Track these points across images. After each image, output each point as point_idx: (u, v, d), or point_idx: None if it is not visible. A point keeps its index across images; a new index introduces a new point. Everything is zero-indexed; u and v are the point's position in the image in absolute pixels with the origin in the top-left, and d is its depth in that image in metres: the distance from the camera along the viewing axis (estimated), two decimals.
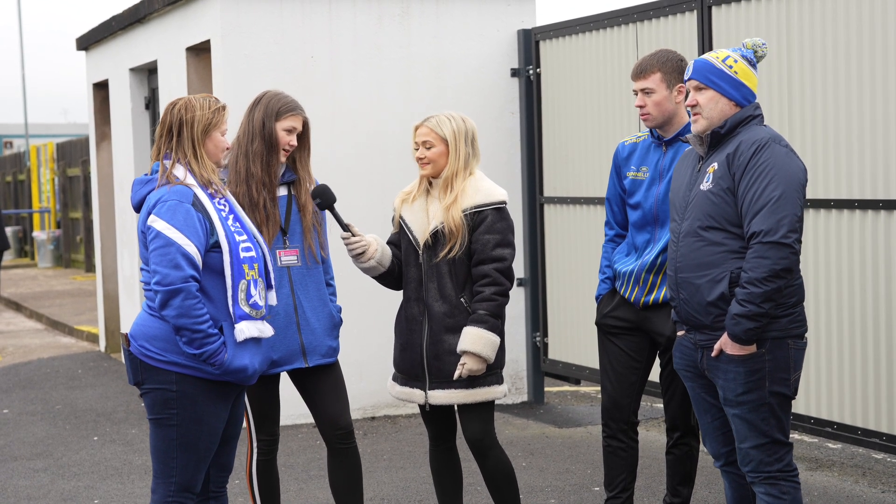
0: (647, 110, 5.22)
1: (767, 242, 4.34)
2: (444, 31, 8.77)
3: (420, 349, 5.17)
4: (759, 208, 4.37)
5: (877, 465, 6.91)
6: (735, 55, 4.58)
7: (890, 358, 6.04)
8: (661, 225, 5.26)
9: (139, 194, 4.52)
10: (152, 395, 4.46)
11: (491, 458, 5.19)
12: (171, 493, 4.49)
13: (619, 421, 5.40)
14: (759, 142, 4.43)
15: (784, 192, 4.36)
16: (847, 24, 6.17)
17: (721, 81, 4.54)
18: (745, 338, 4.41)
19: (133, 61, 10.64)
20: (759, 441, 4.50)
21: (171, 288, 4.31)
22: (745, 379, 4.47)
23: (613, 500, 5.45)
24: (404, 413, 8.64)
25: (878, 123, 6.04)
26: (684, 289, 4.58)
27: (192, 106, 4.50)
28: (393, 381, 5.34)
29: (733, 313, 4.40)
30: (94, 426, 8.74)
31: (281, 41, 8.39)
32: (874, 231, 6.07)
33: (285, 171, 5.19)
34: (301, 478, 7.06)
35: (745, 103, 4.56)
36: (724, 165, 4.49)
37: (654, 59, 5.23)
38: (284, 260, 5.14)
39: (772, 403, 4.49)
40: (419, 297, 5.18)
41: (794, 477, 4.54)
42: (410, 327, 5.20)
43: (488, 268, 5.08)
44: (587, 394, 9.36)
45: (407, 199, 5.27)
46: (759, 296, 4.35)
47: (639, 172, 5.34)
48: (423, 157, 5.17)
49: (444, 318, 5.12)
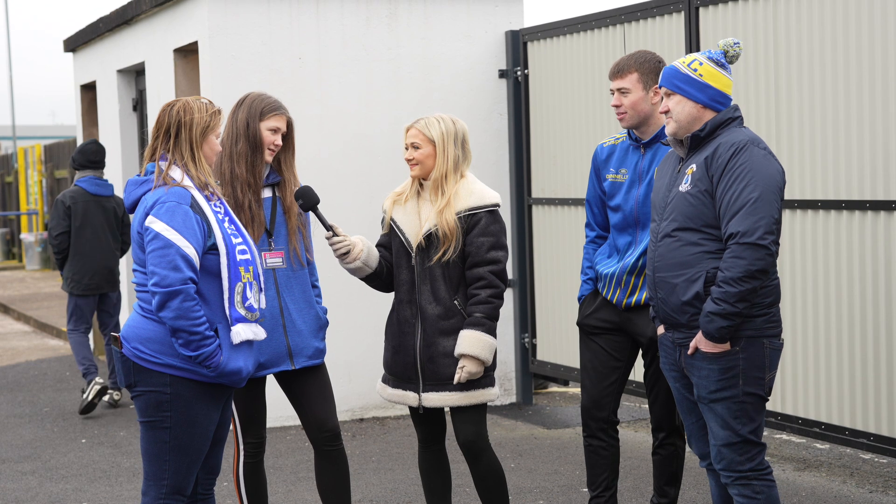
0: (622, 110, 5.24)
1: (744, 243, 4.37)
2: (431, 33, 8.77)
3: (413, 351, 5.15)
4: (736, 210, 4.40)
5: (864, 466, 6.92)
6: (702, 58, 4.61)
7: (877, 358, 6.05)
8: (641, 227, 5.28)
9: (134, 195, 4.50)
10: (145, 397, 4.44)
11: (483, 460, 5.18)
12: (163, 495, 4.48)
13: (599, 420, 5.40)
14: (737, 144, 4.47)
15: (762, 194, 4.39)
16: (833, 24, 6.18)
17: (685, 85, 4.58)
18: (718, 336, 4.45)
19: (120, 63, 10.62)
20: (730, 439, 4.53)
21: (170, 289, 4.29)
22: (719, 377, 4.51)
23: (597, 500, 5.45)
24: (393, 415, 8.63)
25: (864, 124, 6.05)
26: (662, 288, 4.62)
27: (191, 108, 4.48)
28: (383, 384, 5.31)
29: (707, 311, 4.44)
30: (82, 428, 8.71)
31: (268, 42, 8.38)
32: (861, 231, 6.08)
33: (269, 172, 5.18)
34: (289, 479, 7.05)
35: (713, 104, 4.58)
36: (703, 167, 4.52)
37: (631, 60, 5.26)
38: (270, 262, 5.12)
39: (745, 402, 4.52)
40: (412, 299, 5.17)
41: (766, 475, 4.57)
42: (403, 329, 5.19)
43: (483, 270, 5.08)
44: (575, 395, 9.36)
45: (398, 200, 5.25)
46: (733, 295, 4.38)
47: (618, 175, 5.35)
48: (412, 157, 5.17)
49: (437, 321, 5.11)
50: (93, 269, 9.15)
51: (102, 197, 9.24)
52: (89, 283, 9.16)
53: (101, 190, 9.24)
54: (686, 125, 4.59)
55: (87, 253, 9.14)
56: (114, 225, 9.29)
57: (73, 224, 9.13)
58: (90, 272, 9.15)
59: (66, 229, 9.10)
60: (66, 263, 9.18)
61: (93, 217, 9.17)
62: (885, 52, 5.94)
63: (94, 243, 9.17)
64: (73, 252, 9.13)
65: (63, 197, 9.16)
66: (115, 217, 9.29)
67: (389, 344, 5.26)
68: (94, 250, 9.16)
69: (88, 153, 9.25)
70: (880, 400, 6.06)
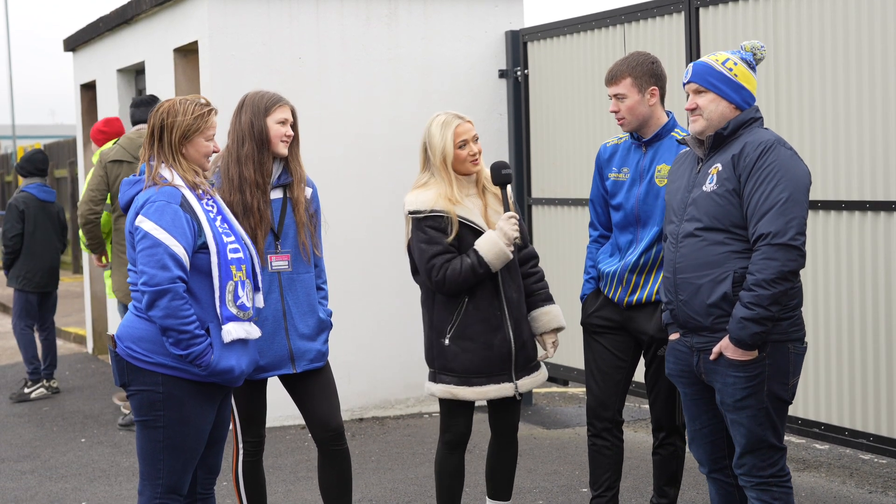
0: (621, 115, 5.26)
1: (776, 244, 4.29)
2: (431, 33, 8.76)
3: (508, 343, 5.22)
4: (766, 210, 4.32)
5: (864, 466, 6.93)
6: (735, 58, 4.55)
7: (877, 359, 6.05)
8: (642, 225, 5.28)
9: (127, 195, 4.52)
10: (139, 396, 4.45)
11: (515, 442, 5.42)
12: (158, 494, 4.48)
13: (604, 420, 5.40)
14: (765, 144, 4.40)
15: (792, 195, 4.32)
16: (833, 24, 6.19)
17: (721, 84, 4.52)
18: (751, 342, 4.35)
19: (120, 62, 10.62)
20: (754, 446, 4.47)
21: (159, 288, 4.30)
22: (745, 384, 4.43)
23: (598, 499, 5.45)
24: (392, 414, 8.63)
25: (864, 124, 6.05)
26: (684, 290, 4.53)
27: (175, 111, 4.49)
28: (456, 385, 5.19)
29: (740, 317, 4.33)
30: (82, 428, 8.71)
31: (268, 42, 8.38)
32: (861, 232, 6.08)
33: (281, 172, 5.16)
34: (289, 479, 7.05)
35: (745, 106, 4.54)
36: (730, 167, 4.45)
37: (623, 65, 5.27)
38: (275, 265, 5.10)
39: (769, 408, 4.44)
40: (496, 292, 5.21)
41: (786, 482, 4.51)
42: (492, 325, 5.20)
43: (532, 247, 5.39)
44: (575, 395, 9.36)
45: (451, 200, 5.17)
46: (767, 298, 4.29)
47: (620, 174, 5.36)
48: (474, 154, 5.25)
49: (520, 307, 5.29)
50: (43, 268, 10.08)
51: (48, 203, 10.20)
52: (40, 280, 10.08)
53: (48, 196, 10.20)
54: (716, 124, 4.53)
55: (39, 253, 10.07)
56: (58, 228, 10.26)
57: (26, 227, 10.02)
58: (41, 271, 10.07)
59: (20, 231, 10.01)
60: (15, 263, 10.05)
61: (42, 221, 10.12)
62: (884, 52, 5.94)
63: (45, 245, 10.09)
64: (26, 252, 10.02)
65: (16, 202, 10.07)
66: (59, 221, 10.28)
67: (475, 345, 5.18)
68: (44, 251, 10.09)
69: (37, 162, 10.23)
70: (880, 400, 6.06)
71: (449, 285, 5.10)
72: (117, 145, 8.31)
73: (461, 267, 5.08)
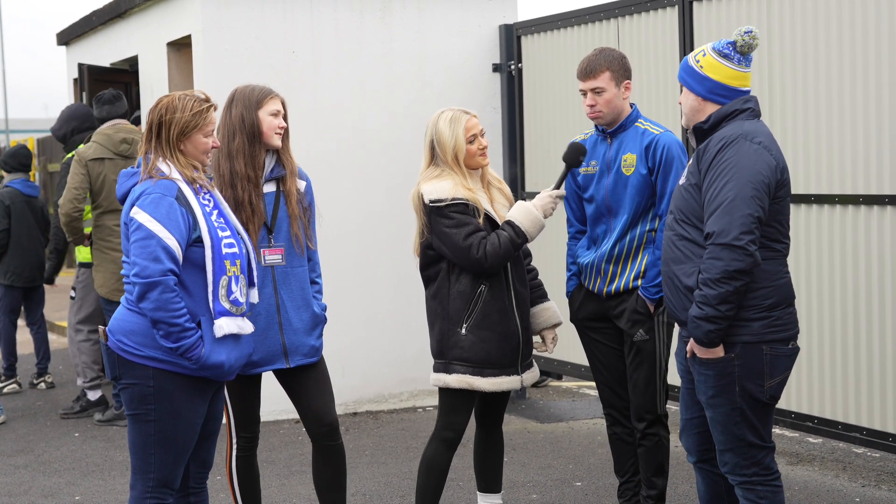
0: (598, 109, 5.32)
1: (720, 244, 4.23)
2: (425, 27, 8.76)
3: (517, 336, 5.25)
4: (714, 208, 4.28)
5: (857, 460, 6.94)
6: (706, 48, 4.52)
7: (870, 353, 6.06)
8: (614, 215, 5.39)
9: (124, 186, 4.52)
10: (130, 390, 4.44)
11: (500, 430, 5.52)
12: (150, 488, 4.47)
13: (620, 408, 5.53)
14: (728, 138, 4.34)
15: (739, 194, 4.24)
16: (827, 19, 6.19)
17: (688, 77, 4.52)
18: (707, 340, 4.32)
19: (114, 56, 10.60)
20: (731, 444, 4.43)
21: (150, 280, 4.30)
22: (714, 382, 4.39)
23: (626, 485, 5.57)
24: (386, 409, 8.63)
25: (858, 118, 6.06)
26: (667, 283, 4.55)
27: (173, 107, 4.48)
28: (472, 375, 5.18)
29: (692, 316, 4.32)
30: (75, 422, 8.71)
31: (262, 36, 8.37)
32: (854, 226, 6.09)
33: (274, 165, 5.14)
34: (282, 473, 7.05)
35: (712, 97, 4.46)
36: (695, 162, 4.45)
37: (601, 59, 5.33)
38: (269, 259, 5.09)
39: (743, 408, 4.38)
40: (507, 285, 5.23)
41: (772, 480, 4.45)
42: (507, 317, 5.22)
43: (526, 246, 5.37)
44: (569, 389, 9.37)
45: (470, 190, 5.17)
46: (713, 297, 4.24)
47: (589, 167, 5.48)
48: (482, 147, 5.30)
49: (525, 301, 5.32)
50: (31, 262, 10.12)
51: (32, 197, 10.21)
52: (28, 275, 10.11)
53: (31, 191, 10.25)
54: (689, 117, 4.53)
55: (27, 248, 10.10)
56: (42, 222, 10.25)
57: (12, 222, 10.05)
58: (29, 265, 10.11)
59: (7, 227, 10.02)
60: (2, 258, 10.09)
61: (27, 216, 10.14)
62: (878, 46, 5.95)
63: (31, 239, 10.13)
64: (14, 247, 10.06)
65: (2, 197, 10.09)
66: (43, 215, 10.29)
67: (492, 335, 5.19)
68: (31, 246, 10.14)
69: (21, 157, 10.29)
70: (873, 394, 6.07)
71: (491, 260, 5.08)
72: (94, 143, 8.32)
73: (500, 241, 5.10)
